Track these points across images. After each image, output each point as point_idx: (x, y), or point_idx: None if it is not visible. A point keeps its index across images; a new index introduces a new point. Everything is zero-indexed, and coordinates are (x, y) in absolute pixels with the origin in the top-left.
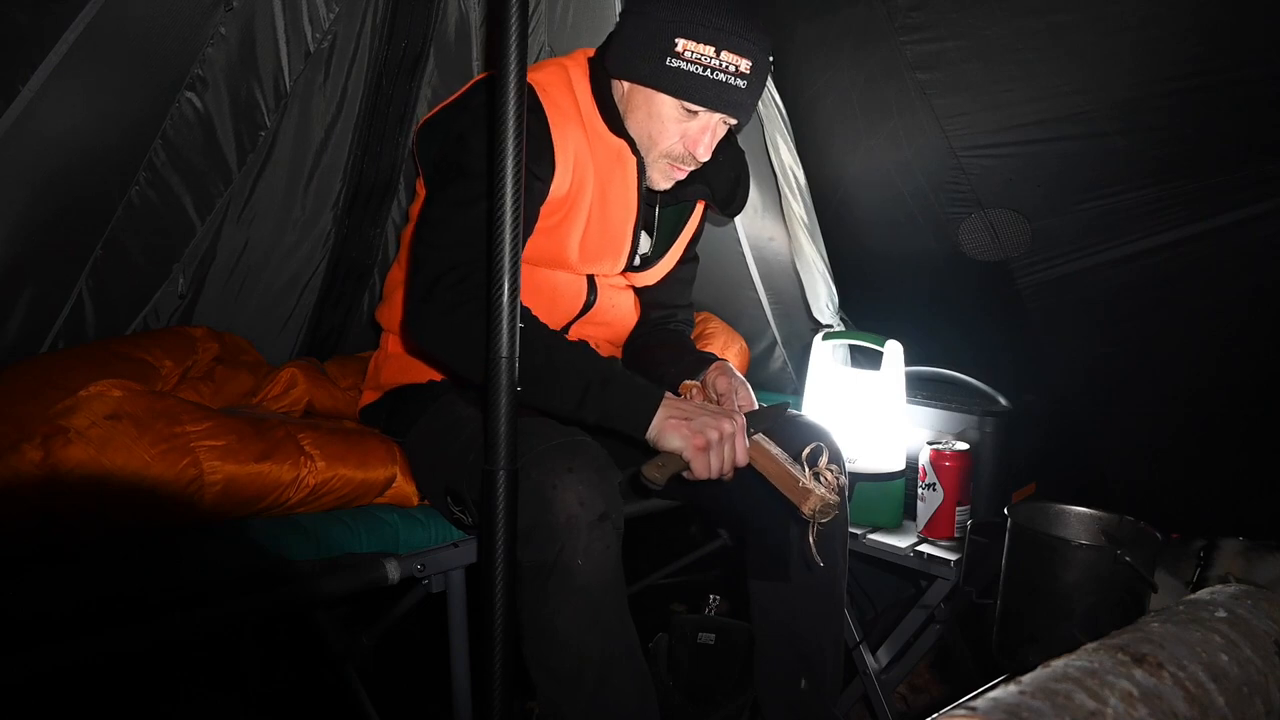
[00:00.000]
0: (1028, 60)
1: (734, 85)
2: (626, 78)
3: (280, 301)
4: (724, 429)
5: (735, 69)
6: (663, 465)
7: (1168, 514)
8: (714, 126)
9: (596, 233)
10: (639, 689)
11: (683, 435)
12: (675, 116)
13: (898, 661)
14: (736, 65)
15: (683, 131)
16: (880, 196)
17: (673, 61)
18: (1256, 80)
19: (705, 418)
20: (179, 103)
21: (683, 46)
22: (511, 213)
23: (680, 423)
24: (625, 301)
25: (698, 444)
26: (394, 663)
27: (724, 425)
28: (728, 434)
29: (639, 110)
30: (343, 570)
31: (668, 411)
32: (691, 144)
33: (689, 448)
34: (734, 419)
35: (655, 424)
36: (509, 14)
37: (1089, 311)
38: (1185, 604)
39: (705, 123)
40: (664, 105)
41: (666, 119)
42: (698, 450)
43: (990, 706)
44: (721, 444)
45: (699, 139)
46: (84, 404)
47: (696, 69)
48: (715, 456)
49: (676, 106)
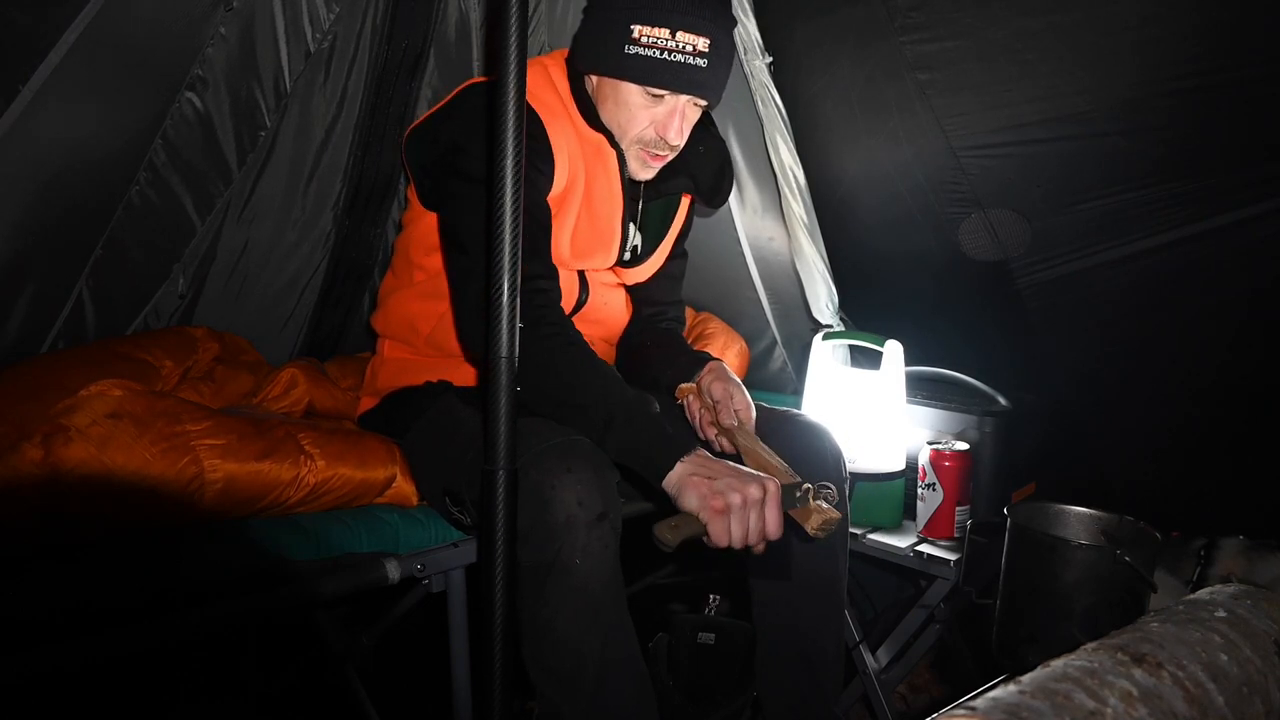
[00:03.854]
0: (1028, 60)
1: (694, 65)
2: (592, 71)
3: (280, 302)
4: (750, 494)
5: (693, 48)
6: (676, 526)
7: (1168, 514)
8: (682, 109)
9: (586, 228)
10: (638, 689)
11: (701, 495)
12: (642, 103)
13: (898, 661)
14: (694, 44)
15: (651, 117)
16: (880, 196)
17: (630, 48)
18: (1256, 80)
19: (730, 479)
20: (179, 103)
21: (638, 32)
22: (511, 213)
23: (701, 480)
24: (617, 299)
25: (715, 506)
26: (394, 663)
27: (750, 490)
28: (754, 499)
29: (608, 101)
30: (343, 570)
31: (690, 467)
32: (662, 129)
33: (706, 510)
34: (765, 485)
35: (674, 478)
36: (509, 14)
37: (1089, 311)
38: (1185, 604)
39: (672, 106)
40: (629, 93)
41: (634, 106)
42: (715, 513)
43: (990, 706)
44: (746, 510)
45: (669, 123)
46: (84, 403)
47: (654, 53)
48: (737, 524)
49: (641, 93)
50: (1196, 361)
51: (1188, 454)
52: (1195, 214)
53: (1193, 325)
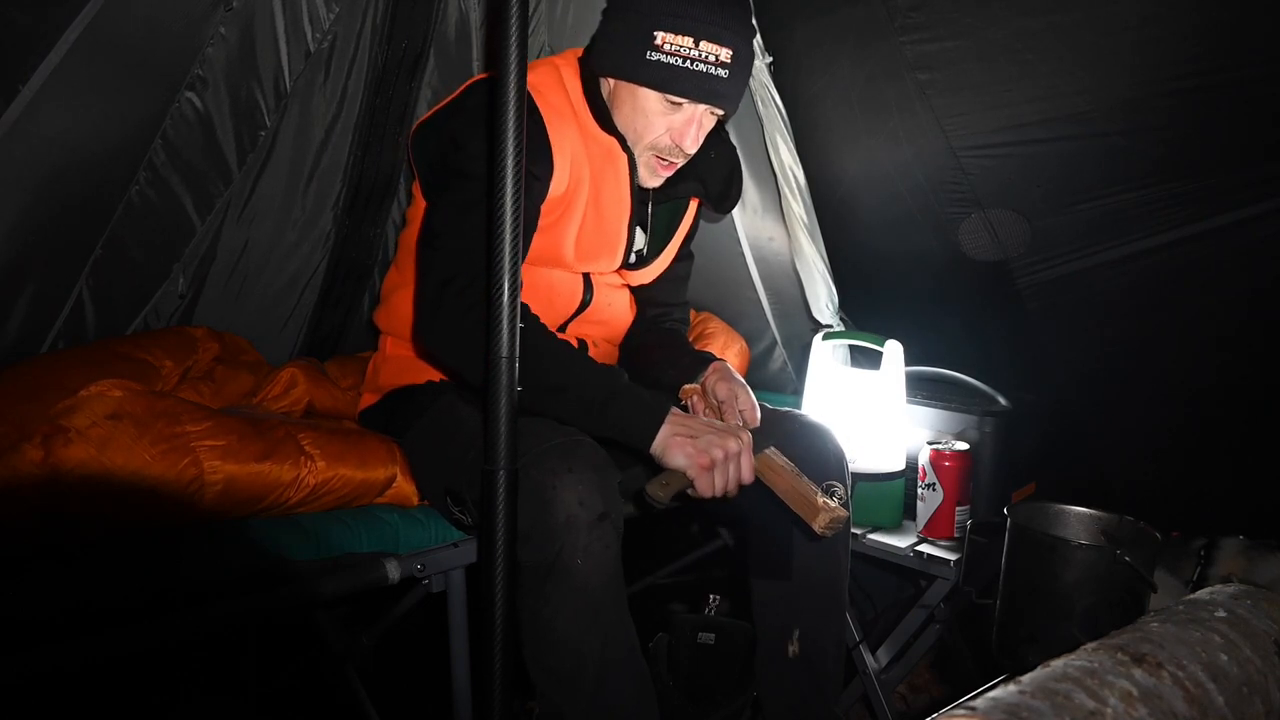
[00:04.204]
0: (1028, 60)
1: (715, 75)
2: (610, 74)
3: (280, 301)
4: (729, 447)
5: (715, 59)
6: (666, 484)
7: (1168, 514)
8: (699, 118)
9: (592, 230)
10: (639, 689)
11: (687, 453)
12: (659, 110)
13: (898, 661)
14: (716, 55)
15: (668, 124)
16: (880, 196)
17: (652, 55)
18: (1256, 80)
19: (710, 435)
20: (179, 103)
21: (661, 39)
22: (511, 213)
23: (685, 440)
24: (621, 300)
25: (702, 463)
26: (394, 663)
27: (729, 443)
28: (733, 452)
29: (624, 105)
30: (343, 570)
31: (672, 428)
32: (678, 136)
33: (693, 466)
34: (740, 436)
35: (659, 440)
36: (509, 14)
37: (1089, 311)
38: (1185, 604)
39: (690, 114)
40: (648, 99)
41: (651, 113)
42: (702, 469)
43: (990, 706)
44: (727, 463)
45: (685, 131)
46: (84, 404)
47: (676, 61)
48: (720, 475)
49: (660, 100)
50: (1196, 361)
51: (1188, 454)
52: (1195, 214)
53: (1193, 325)
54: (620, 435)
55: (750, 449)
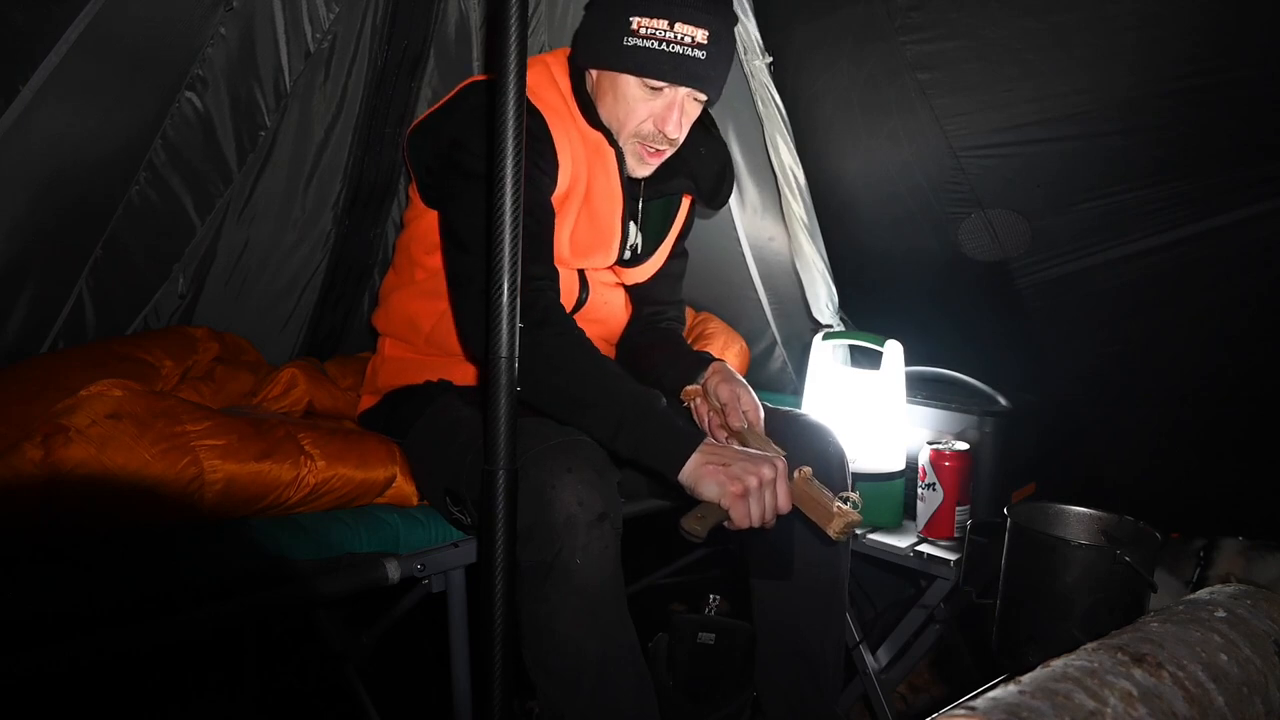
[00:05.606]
0: (1028, 60)
1: (692, 57)
2: (591, 65)
3: (280, 302)
4: (764, 475)
5: (692, 40)
6: (702, 517)
7: (1168, 514)
8: (681, 102)
9: (585, 227)
10: (638, 689)
11: (719, 482)
12: (640, 96)
13: (898, 661)
14: (692, 36)
15: (650, 110)
16: (880, 196)
17: (629, 40)
18: (1256, 80)
19: (744, 463)
20: (179, 103)
21: (637, 24)
22: (512, 213)
23: (717, 468)
24: (617, 299)
25: (735, 491)
26: (394, 663)
27: (764, 471)
28: (768, 480)
29: (606, 95)
30: (343, 570)
31: (704, 457)
32: (661, 122)
33: (726, 496)
34: (774, 463)
35: (690, 469)
36: (509, 14)
37: (1089, 311)
38: (1185, 604)
39: (671, 99)
40: (628, 86)
41: (632, 99)
42: (736, 498)
43: (990, 706)
44: (761, 491)
45: (667, 116)
46: (84, 403)
47: (652, 44)
48: (755, 504)
49: (639, 85)
50: (1196, 361)
51: (1188, 454)
52: (1195, 214)
53: (1193, 325)
54: (648, 460)
55: (785, 476)
